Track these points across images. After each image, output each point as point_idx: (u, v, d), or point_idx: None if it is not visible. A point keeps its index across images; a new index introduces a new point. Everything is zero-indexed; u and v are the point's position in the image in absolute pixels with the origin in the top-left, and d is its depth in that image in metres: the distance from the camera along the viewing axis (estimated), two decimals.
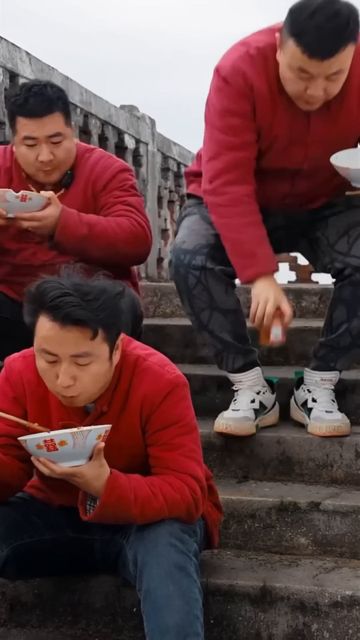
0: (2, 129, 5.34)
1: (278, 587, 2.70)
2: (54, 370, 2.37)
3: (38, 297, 2.35)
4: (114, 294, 2.40)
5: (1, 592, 2.82)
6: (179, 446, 2.48)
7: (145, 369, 2.50)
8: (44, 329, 2.34)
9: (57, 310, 2.31)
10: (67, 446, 2.27)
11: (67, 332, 2.32)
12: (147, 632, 2.33)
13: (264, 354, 4.02)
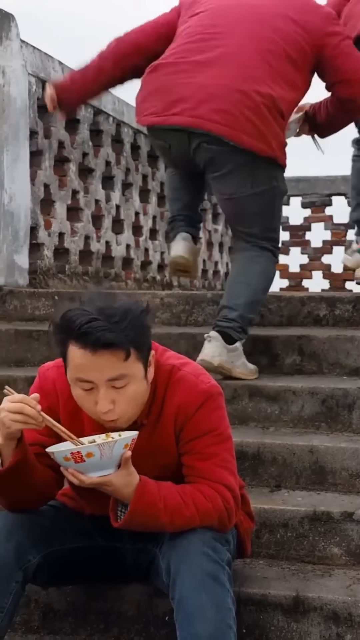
0: (34, 139, 5.38)
1: (311, 597, 2.69)
2: (91, 397, 2.37)
3: (65, 327, 2.34)
4: (139, 312, 2.39)
5: (34, 599, 2.83)
6: (212, 455, 2.47)
7: (180, 379, 2.50)
8: (76, 358, 2.34)
9: (87, 337, 2.30)
10: (94, 458, 2.28)
11: (99, 357, 2.32)
12: None
13: (296, 362, 4.02)
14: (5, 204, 4.97)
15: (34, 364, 4.28)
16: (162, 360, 2.52)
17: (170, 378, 2.50)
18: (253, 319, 3.96)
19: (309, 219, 10.37)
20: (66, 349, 2.36)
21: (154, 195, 7.29)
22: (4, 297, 4.88)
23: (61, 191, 5.72)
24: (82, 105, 4.95)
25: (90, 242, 6.08)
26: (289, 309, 4.46)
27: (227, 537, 2.51)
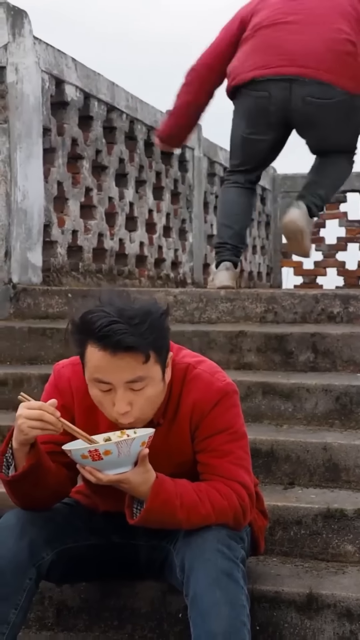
0: (47, 136, 5.38)
1: (324, 594, 2.68)
2: (109, 398, 2.37)
3: (85, 328, 2.34)
4: (159, 314, 2.38)
5: (48, 596, 2.84)
6: (227, 453, 2.47)
7: (195, 377, 2.50)
8: (95, 359, 2.33)
9: (107, 340, 2.29)
10: (112, 455, 2.28)
11: (119, 360, 2.31)
12: (193, 638, 2.33)
13: (310, 359, 4.02)
14: (18, 202, 4.98)
15: (47, 362, 4.29)
16: (178, 358, 2.52)
17: (185, 376, 2.49)
18: (323, 206, 4.93)
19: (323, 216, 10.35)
20: (85, 349, 2.35)
21: (168, 193, 7.29)
22: (17, 294, 4.89)
23: (74, 189, 5.72)
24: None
25: (103, 240, 6.08)
26: (303, 306, 4.46)
27: (241, 535, 2.51)
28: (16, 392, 3.95)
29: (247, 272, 9.66)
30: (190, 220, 7.80)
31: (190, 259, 7.80)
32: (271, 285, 10.43)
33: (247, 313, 4.53)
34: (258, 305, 4.53)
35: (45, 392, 2.59)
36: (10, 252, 4.95)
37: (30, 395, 3.97)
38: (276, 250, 10.63)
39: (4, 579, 2.42)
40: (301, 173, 10.49)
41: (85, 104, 5.83)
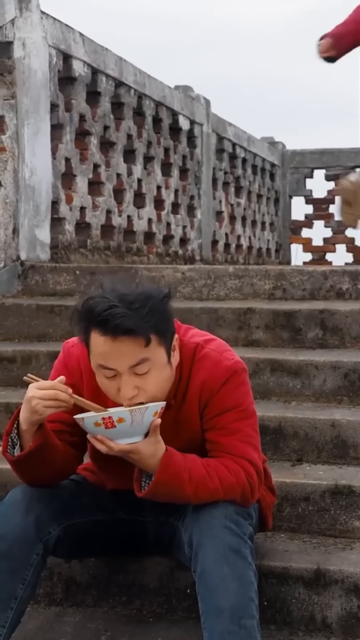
0: (55, 112, 5.36)
1: (332, 570, 2.69)
2: (115, 385, 2.37)
3: (86, 315, 2.34)
4: (160, 298, 2.37)
5: (57, 572, 2.85)
6: (236, 431, 2.47)
7: (204, 356, 2.49)
8: (98, 345, 2.33)
9: (107, 324, 2.29)
10: (125, 423, 2.28)
11: (120, 344, 2.31)
12: (201, 613, 2.34)
13: (318, 336, 4.01)
14: (26, 178, 4.97)
15: (55, 339, 4.29)
16: (186, 338, 2.52)
17: (194, 356, 2.49)
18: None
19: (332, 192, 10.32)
20: (88, 336, 2.36)
21: (176, 169, 7.27)
22: (25, 272, 4.89)
23: (82, 165, 5.70)
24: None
25: (112, 217, 6.07)
26: (312, 283, 4.45)
27: (249, 511, 2.51)
28: (25, 370, 3.97)
29: (256, 248, 9.64)
30: (199, 196, 7.77)
31: (199, 236, 7.79)
32: (280, 262, 10.41)
33: (256, 290, 4.52)
34: (266, 282, 4.52)
35: (54, 370, 2.59)
36: (18, 229, 4.95)
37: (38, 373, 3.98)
38: (285, 227, 10.60)
39: (11, 554, 2.43)
40: (310, 149, 10.46)
41: (93, 80, 5.80)
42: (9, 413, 3.62)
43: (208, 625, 2.31)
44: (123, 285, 2.37)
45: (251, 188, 9.43)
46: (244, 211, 9.18)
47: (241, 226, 9.08)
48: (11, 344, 4.27)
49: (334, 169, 10.23)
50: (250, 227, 9.45)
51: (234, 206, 8.86)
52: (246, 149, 9.13)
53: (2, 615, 2.41)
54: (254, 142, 9.39)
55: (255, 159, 9.54)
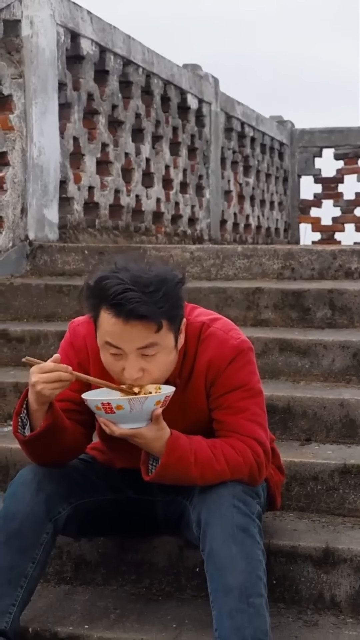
0: (63, 91, 5.34)
1: (341, 549, 2.70)
2: (119, 364, 2.36)
3: (99, 293, 2.33)
4: (175, 283, 2.36)
5: (66, 551, 2.86)
6: (243, 410, 2.47)
7: (210, 335, 2.48)
8: (108, 324, 2.32)
9: (121, 307, 2.28)
10: (124, 410, 2.28)
11: (131, 328, 2.30)
12: (210, 592, 2.35)
13: (327, 316, 4.00)
14: (34, 158, 4.96)
15: (64, 319, 4.30)
16: (192, 317, 2.51)
17: (200, 335, 2.49)
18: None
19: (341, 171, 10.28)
20: (98, 313, 2.35)
21: (185, 148, 7.24)
22: (34, 251, 4.88)
23: (91, 144, 5.69)
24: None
25: (120, 196, 6.06)
26: (320, 262, 4.44)
27: (257, 490, 2.52)
28: (33, 349, 3.98)
29: (265, 228, 9.62)
30: (207, 176, 7.75)
31: (207, 216, 7.77)
32: (289, 241, 10.38)
33: (264, 269, 4.52)
34: (275, 262, 4.51)
35: (61, 350, 2.59)
36: (26, 208, 4.94)
37: (47, 352, 4.00)
38: (294, 207, 10.57)
39: (21, 533, 2.45)
40: (319, 128, 10.41)
41: (101, 58, 5.77)
42: (17, 393, 3.63)
43: (217, 604, 2.32)
44: (136, 265, 2.35)
45: (260, 167, 9.40)
46: (253, 190, 9.15)
47: (250, 206, 9.05)
48: (20, 324, 4.28)
49: (343, 148, 10.18)
50: (259, 206, 9.42)
51: (243, 185, 8.83)
52: (255, 128, 9.09)
53: (13, 594, 2.43)
54: (262, 121, 9.35)
55: (264, 138, 9.50)
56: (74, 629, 2.58)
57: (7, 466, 3.24)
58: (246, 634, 2.26)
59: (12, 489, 2.51)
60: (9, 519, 2.46)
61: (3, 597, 2.42)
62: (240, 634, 2.26)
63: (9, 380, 3.71)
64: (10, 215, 4.81)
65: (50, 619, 2.64)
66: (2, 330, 4.11)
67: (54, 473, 2.52)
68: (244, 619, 2.27)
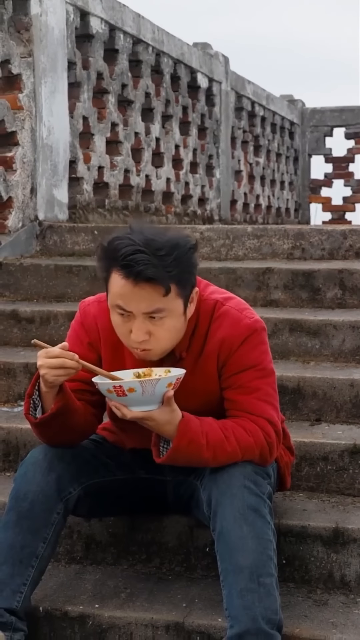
0: (72, 70, 5.32)
1: (351, 528, 2.70)
2: (127, 325, 2.36)
3: (110, 254, 2.33)
4: (187, 249, 2.36)
5: (77, 530, 2.87)
6: (255, 390, 2.46)
7: (224, 314, 2.48)
8: (117, 286, 2.32)
9: (130, 269, 2.28)
10: (136, 393, 2.28)
11: (140, 290, 2.30)
12: (220, 571, 2.36)
13: (337, 296, 3.99)
14: (43, 137, 4.94)
15: (74, 300, 4.29)
16: (206, 294, 2.50)
17: (213, 313, 2.48)
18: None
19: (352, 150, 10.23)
20: (109, 275, 2.35)
21: (194, 128, 7.21)
22: (43, 232, 4.88)
23: (100, 124, 5.67)
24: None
25: (130, 176, 6.04)
26: (330, 242, 4.42)
27: (267, 471, 2.52)
28: (43, 330, 3.99)
29: (275, 208, 9.58)
30: (218, 155, 7.72)
31: (218, 196, 7.74)
32: (299, 221, 10.35)
33: (275, 250, 4.50)
34: (285, 242, 4.50)
35: (71, 330, 2.59)
36: (36, 188, 4.93)
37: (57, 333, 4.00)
38: (304, 186, 10.52)
39: (32, 513, 2.46)
40: (330, 107, 10.35)
41: (111, 37, 5.75)
42: (27, 373, 3.64)
43: (227, 583, 2.32)
44: (151, 228, 2.36)
45: (270, 147, 9.36)
46: (263, 170, 9.11)
47: (260, 185, 9.02)
48: (30, 304, 4.28)
49: (354, 127, 10.13)
50: (269, 186, 9.39)
51: (253, 165, 8.80)
52: (265, 107, 9.05)
53: (24, 573, 2.44)
54: (273, 100, 9.30)
55: (275, 117, 9.46)
56: (84, 608, 2.60)
57: (18, 446, 3.25)
58: (256, 613, 2.27)
59: (22, 469, 2.52)
60: (20, 499, 2.47)
61: (14, 576, 2.44)
62: (250, 613, 2.27)
63: (19, 361, 3.72)
64: (19, 196, 4.81)
65: (61, 598, 2.65)
66: (12, 310, 4.11)
67: (65, 453, 2.53)
68: (254, 598, 2.28)
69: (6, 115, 4.67)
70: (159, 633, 2.52)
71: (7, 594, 2.43)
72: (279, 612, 2.31)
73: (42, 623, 2.60)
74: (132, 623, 2.54)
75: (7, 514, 2.48)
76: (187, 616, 2.53)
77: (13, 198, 4.76)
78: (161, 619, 2.53)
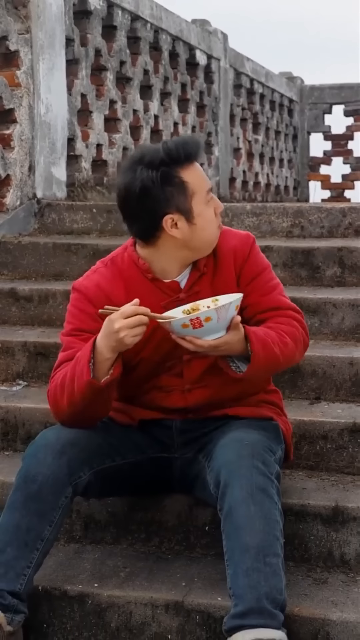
0: (70, 47, 5.28)
1: (350, 507, 2.70)
2: (212, 209, 2.56)
3: (168, 157, 2.47)
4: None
5: (76, 510, 2.87)
6: (274, 287, 2.66)
7: (224, 230, 2.67)
8: (197, 176, 2.51)
9: (191, 153, 2.50)
10: (212, 321, 2.37)
11: (199, 165, 2.56)
12: (226, 550, 2.36)
13: (337, 274, 3.98)
14: (41, 115, 4.91)
15: (72, 278, 4.25)
16: None
17: None
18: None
19: (351, 128, 10.18)
20: (179, 178, 2.48)
21: (193, 105, 7.17)
22: (42, 210, 4.85)
23: (98, 101, 5.63)
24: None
25: (128, 154, 6.00)
26: (330, 220, 4.40)
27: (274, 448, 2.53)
28: (42, 309, 3.97)
29: (274, 186, 9.55)
30: (216, 133, 7.68)
31: (217, 173, 7.71)
32: (298, 199, 10.31)
33: (274, 227, 4.48)
34: (284, 220, 4.48)
35: (70, 315, 2.61)
36: (34, 166, 4.90)
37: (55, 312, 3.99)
38: (303, 164, 10.48)
39: (40, 496, 2.44)
40: (329, 84, 10.30)
41: (109, 13, 5.70)
42: (26, 352, 3.63)
43: (233, 562, 2.33)
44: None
45: (269, 124, 9.31)
46: (262, 148, 9.07)
47: (259, 163, 8.98)
48: (28, 283, 4.26)
49: (353, 104, 10.08)
50: (268, 164, 9.35)
51: (252, 143, 8.76)
52: (264, 85, 9.00)
53: (29, 556, 2.44)
54: (272, 78, 9.25)
55: (273, 95, 9.41)
56: (83, 588, 2.60)
57: (16, 425, 3.24)
58: (261, 593, 2.28)
59: (32, 450, 2.51)
60: (29, 481, 2.46)
61: (19, 559, 2.43)
62: (255, 592, 2.27)
63: (17, 340, 3.70)
64: (17, 173, 4.78)
65: (60, 578, 2.65)
66: (10, 289, 4.10)
67: (78, 438, 2.53)
68: (260, 577, 2.29)
69: (4, 93, 4.64)
70: (159, 612, 2.53)
71: (12, 576, 2.42)
72: (283, 592, 2.32)
73: (41, 602, 2.60)
74: (132, 602, 2.55)
75: (14, 494, 2.47)
76: (187, 595, 2.53)
77: (11, 176, 4.73)
78: (161, 598, 2.53)
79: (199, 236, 2.55)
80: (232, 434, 2.51)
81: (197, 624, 2.50)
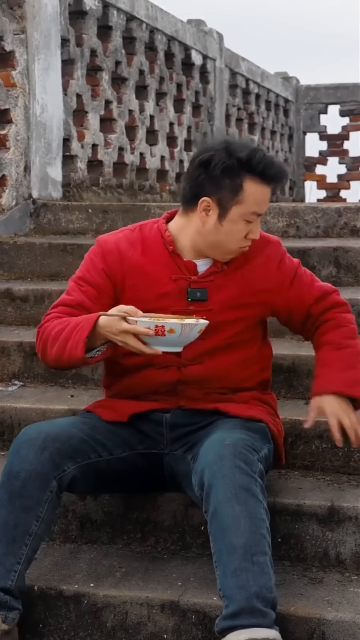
0: (66, 47, 5.28)
1: (346, 506, 2.70)
2: (246, 229, 2.60)
3: (245, 164, 2.53)
4: None
5: (72, 509, 2.87)
6: (310, 278, 2.79)
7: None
8: (258, 193, 2.56)
9: (269, 174, 2.56)
10: (174, 334, 2.41)
11: (269, 191, 2.60)
12: (214, 552, 2.36)
13: (332, 274, 3.98)
14: (37, 115, 4.91)
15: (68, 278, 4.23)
16: None
17: None
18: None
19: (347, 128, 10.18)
20: (240, 187, 2.54)
21: (189, 105, 7.17)
22: (37, 210, 4.85)
23: (94, 101, 5.63)
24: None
25: (124, 154, 6.01)
26: (325, 220, 4.40)
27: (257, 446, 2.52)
28: (37, 309, 3.97)
29: None
30: (212, 133, 7.68)
31: None
32: (294, 199, 10.32)
33: (269, 227, 4.48)
34: (280, 220, 4.48)
35: (83, 262, 2.74)
36: (29, 166, 4.90)
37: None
38: (299, 164, 10.49)
39: (25, 492, 2.46)
40: (324, 84, 10.30)
41: (104, 14, 5.70)
42: (21, 352, 3.63)
43: (221, 563, 2.33)
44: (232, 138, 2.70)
45: (265, 124, 9.31)
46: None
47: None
48: (24, 283, 4.26)
49: (348, 104, 10.08)
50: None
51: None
52: (260, 85, 9.00)
53: (17, 552, 2.44)
54: (267, 78, 9.25)
55: (269, 95, 9.41)
56: (79, 587, 2.60)
57: (12, 425, 3.25)
58: (251, 592, 2.28)
59: (15, 447, 2.53)
60: (13, 477, 2.47)
61: (7, 555, 2.44)
62: (245, 592, 2.28)
63: (13, 340, 3.70)
64: (13, 174, 4.78)
65: (56, 578, 2.65)
66: (6, 289, 4.10)
67: (60, 433, 2.54)
68: (248, 577, 2.29)
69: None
70: (154, 612, 2.53)
71: (1, 572, 2.43)
72: (273, 590, 2.32)
73: (37, 602, 2.60)
74: (127, 602, 2.55)
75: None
76: (183, 595, 2.53)
77: (7, 176, 4.73)
78: (156, 598, 2.54)
79: (217, 238, 2.61)
80: (215, 435, 2.51)
81: (192, 624, 2.50)
